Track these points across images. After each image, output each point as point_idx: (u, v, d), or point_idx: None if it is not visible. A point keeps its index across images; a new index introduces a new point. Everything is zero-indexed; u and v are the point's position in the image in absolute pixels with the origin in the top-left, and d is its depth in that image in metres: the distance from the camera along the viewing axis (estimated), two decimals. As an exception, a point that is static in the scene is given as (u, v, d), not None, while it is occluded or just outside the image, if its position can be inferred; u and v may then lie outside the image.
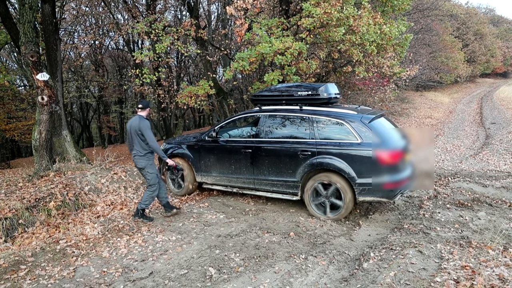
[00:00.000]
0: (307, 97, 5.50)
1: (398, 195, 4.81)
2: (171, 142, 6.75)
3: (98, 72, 23.26)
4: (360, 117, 4.92)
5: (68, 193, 5.34)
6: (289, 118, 5.51)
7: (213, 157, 6.03)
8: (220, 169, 5.99)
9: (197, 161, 6.18)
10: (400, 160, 4.79)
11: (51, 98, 6.42)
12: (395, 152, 4.76)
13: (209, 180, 6.16)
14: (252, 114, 6.01)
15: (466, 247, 3.67)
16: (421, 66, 20.22)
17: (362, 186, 4.78)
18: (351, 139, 4.87)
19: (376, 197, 4.80)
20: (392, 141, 4.95)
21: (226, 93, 12.25)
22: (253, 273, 3.59)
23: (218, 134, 6.05)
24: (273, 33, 7.94)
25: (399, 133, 5.39)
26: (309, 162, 5.09)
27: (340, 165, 4.86)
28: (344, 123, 4.96)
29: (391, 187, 4.73)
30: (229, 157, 5.87)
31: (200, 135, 6.30)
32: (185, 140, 6.48)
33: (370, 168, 4.71)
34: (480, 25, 39.76)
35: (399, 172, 4.77)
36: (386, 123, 5.39)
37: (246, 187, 5.83)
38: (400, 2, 9.09)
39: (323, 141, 5.05)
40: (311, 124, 5.21)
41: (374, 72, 10.63)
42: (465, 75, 34.81)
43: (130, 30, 10.56)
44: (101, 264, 3.86)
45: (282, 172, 5.37)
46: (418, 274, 3.14)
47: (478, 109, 23.16)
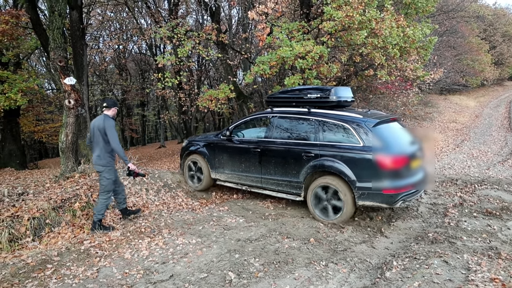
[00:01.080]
0: (316, 99, 5.55)
1: (399, 201, 4.71)
2: (192, 139, 7.11)
3: (121, 75, 23.88)
4: (365, 121, 4.91)
5: (93, 195, 5.47)
6: (297, 120, 5.58)
7: (226, 155, 6.27)
8: (232, 167, 6.20)
9: (212, 159, 6.45)
10: (402, 166, 4.73)
11: (77, 101, 6.62)
12: (397, 157, 4.70)
13: (222, 177, 6.40)
14: (264, 115, 6.14)
15: (495, 259, 3.53)
16: (446, 69, 19.68)
17: (361, 190, 4.75)
18: (354, 142, 4.87)
19: (375, 202, 4.75)
20: (396, 146, 4.93)
21: (246, 97, 12.30)
22: (273, 279, 3.57)
23: (232, 134, 6.25)
24: (293, 37, 7.92)
25: (410, 139, 5.34)
26: (311, 164, 5.16)
27: (340, 168, 4.87)
28: (347, 127, 4.98)
29: (391, 193, 4.65)
30: (240, 156, 6.07)
31: (217, 134, 6.59)
32: (204, 138, 6.80)
33: (370, 172, 4.69)
34: (509, 26, 38.27)
35: (401, 178, 4.70)
36: (396, 128, 5.34)
37: (254, 185, 5.99)
38: (424, 4, 8.90)
39: (326, 143, 5.10)
40: (316, 126, 5.26)
41: (397, 76, 10.43)
42: (492, 78, 33.59)
43: (153, 35, 10.80)
44: (123, 266, 3.93)
45: (287, 173, 5.47)
46: (443, 285, 3.04)
47: (506, 113, 22.31)
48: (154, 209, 5.70)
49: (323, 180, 5.11)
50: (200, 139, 6.86)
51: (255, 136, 6.21)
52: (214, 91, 9.96)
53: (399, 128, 5.44)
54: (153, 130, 38.24)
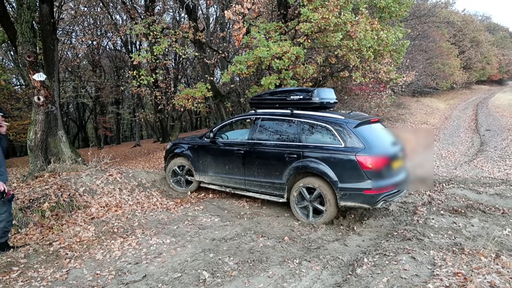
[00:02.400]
0: (299, 101, 5.60)
1: (380, 202, 4.76)
2: (176, 142, 7.09)
3: (95, 72, 23.24)
4: (346, 122, 4.96)
5: (63, 194, 5.31)
6: (280, 122, 5.61)
7: (210, 157, 6.24)
8: (216, 169, 6.17)
9: (196, 161, 6.41)
10: (383, 166, 4.78)
11: (47, 98, 6.40)
12: (378, 158, 4.73)
13: (206, 179, 6.36)
14: (248, 116, 6.16)
15: (459, 254, 3.69)
16: (418, 72, 20.35)
17: (343, 190, 4.78)
18: (335, 143, 4.91)
19: (357, 202, 4.78)
20: (377, 147, 4.93)
21: (224, 96, 12.26)
22: (247, 277, 3.59)
23: (215, 136, 6.22)
24: (271, 37, 7.98)
25: (392, 140, 5.40)
26: (294, 165, 5.17)
27: (322, 169, 4.89)
28: (329, 128, 5.02)
29: (372, 193, 4.68)
30: (224, 158, 6.05)
31: (201, 137, 6.56)
32: (188, 140, 6.79)
33: (351, 173, 4.72)
34: (476, 32, 40.11)
35: (382, 179, 4.74)
36: (378, 129, 5.40)
37: (238, 187, 5.97)
38: (397, 8, 9.17)
39: (308, 145, 5.12)
40: (299, 127, 5.29)
41: (371, 78, 10.70)
42: (461, 82, 35.07)
43: (128, 31, 10.58)
44: (94, 267, 3.84)
45: (270, 174, 5.48)
46: (410, 280, 3.15)
47: (473, 115, 23.34)
48: (127, 209, 5.59)
49: (305, 181, 5.10)
50: (184, 141, 6.82)
51: (239, 138, 6.20)
52: (191, 90, 9.87)
53: (381, 129, 5.49)
54: (128, 129, 37.47)
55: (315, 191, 5.03)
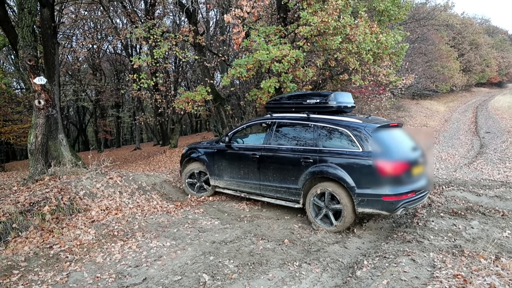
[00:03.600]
0: (315, 105, 5.51)
1: (400, 208, 4.55)
2: (192, 146, 7.07)
3: (95, 76, 23.32)
4: (364, 126, 4.80)
5: (63, 198, 5.32)
6: (296, 126, 5.52)
7: (225, 162, 6.22)
8: (231, 173, 6.15)
9: (211, 165, 6.41)
10: (403, 172, 4.60)
11: (48, 102, 6.43)
12: (398, 163, 4.57)
13: (221, 184, 6.35)
14: (264, 121, 6.04)
15: (458, 256, 3.70)
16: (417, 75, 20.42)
17: (361, 196, 4.60)
18: (353, 148, 4.75)
19: (375, 209, 4.59)
20: (397, 152, 4.80)
21: (223, 99, 12.31)
22: (247, 280, 3.59)
23: (231, 140, 6.20)
24: (270, 41, 8.02)
25: (413, 145, 5.20)
26: (310, 170, 5.04)
27: (339, 174, 4.74)
28: (347, 132, 4.87)
29: (391, 200, 4.49)
30: (239, 163, 6.01)
31: (217, 141, 6.56)
32: (205, 144, 6.77)
33: (369, 178, 4.56)
34: (476, 35, 40.22)
35: (402, 185, 4.55)
36: (397, 134, 5.22)
37: (253, 192, 5.91)
38: (396, 12, 9.23)
39: (324, 149, 4.99)
40: (315, 132, 5.16)
41: (370, 81, 10.73)
42: (460, 84, 35.12)
43: (129, 35, 10.62)
44: (94, 270, 3.84)
45: (286, 179, 5.36)
46: (410, 282, 3.16)
47: (473, 118, 23.36)
48: (127, 212, 5.59)
49: (322, 187, 4.95)
50: (200, 146, 6.83)
51: (254, 142, 6.14)
52: (191, 93, 9.92)
53: (400, 133, 5.31)
54: (128, 132, 37.50)
55: (331, 197, 4.89)
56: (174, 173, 8.84)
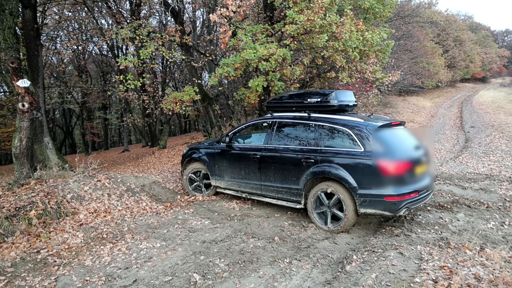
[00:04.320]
0: (316, 104, 5.45)
1: (403, 209, 4.43)
2: (193, 146, 7.07)
3: (81, 77, 22.98)
4: (366, 125, 4.72)
5: (50, 201, 5.24)
6: (297, 125, 5.48)
7: (226, 162, 6.20)
8: (232, 174, 6.13)
9: (212, 165, 6.40)
10: (406, 172, 4.51)
11: (32, 104, 6.32)
12: (400, 162, 4.48)
13: (222, 184, 6.34)
14: (264, 120, 6.00)
15: (445, 248, 3.78)
16: (403, 71, 20.66)
17: (363, 197, 4.52)
18: (354, 147, 4.67)
19: (377, 209, 4.49)
20: (399, 151, 4.72)
21: (212, 99, 12.28)
22: (238, 278, 3.60)
23: (231, 140, 6.18)
24: (257, 40, 8.02)
25: (416, 144, 5.12)
26: (311, 170, 4.98)
27: (341, 174, 4.67)
28: (348, 131, 4.79)
29: (393, 200, 4.40)
30: (240, 163, 5.98)
31: (218, 141, 6.53)
32: (206, 145, 6.75)
33: (372, 178, 4.47)
34: (459, 31, 40.98)
35: (404, 185, 4.46)
36: (399, 133, 5.14)
37: (254, 192, 5.88)
38: (382, 9, 9.32)
39: (326, 149, 4.91)
40: (316, 131, 5.10)
41: (357, 78, 10.83)
42: (445, 80, 35.77)
43: (114, 36, 10.50)
44: (83, 273, 3.80)
45: (287, 179, 5.32)
46: (398, 275, 3.21)
47: (458, 113, 23.80)
48: (116, 214, 5.55)
49: (323, 187, 4.89)
50: (200, 146, 6.81)
51: (255, 142, 6.09)
52: (179, 93, 9.86)
53: (403, 132, 5.22)
54: (116, 134, 37.09)
55: (333, 197, 4.83)
56: (163, 174, 8.79)
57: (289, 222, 5.21)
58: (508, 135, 14.35)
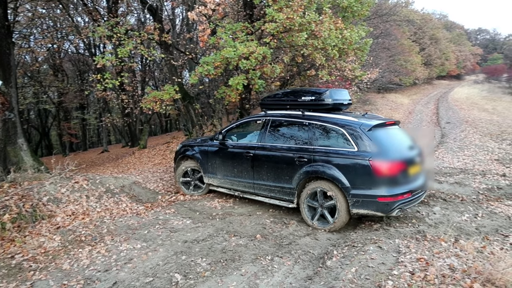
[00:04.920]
0: (311, 102, 5.40)
1: (396, 210, 4.40)
2: (186, 143, 7.01)
3: (57, 77, 22.30)
4: (359, 125, 4.67)
5: (25, 205, 5.08)
6: (290, 124, 5.44)
7: (219, 160, 6.15)
8: (224, 172, 6.08)
9: (205, 163, 6.34)
10: (399, 172, 4.47)
11: (4, 105, 6.11)
12: (394, 163, 4.43)
13: (215, 182, 6.30)
14: (258, 118, 5.95)
15: (421, 241, 3.89)
16: (381, 69, 21.05)
17: (356, 197, 4.49)
18: (348, 147, 4.63)
19: (370, 210, 4.47)
20: (393, 151, 4.66)
21: (192, 98, 12.18)
22: (220, 277, 3.60)
23: (225, 138, 6.15)
24: (237, 38, 8.00)
25: (409, 143, 5.08)
26: (304, 170, 4.94)
27: (334, 174, 4.63)
28: (342, 131, 4.75)
29: (386, 201, 4.37)
30: (232, 161, 5.95)
31: (211, 138, 6.47)
32: (199, 142, 6.69)
33: (365, 178, 4.44)
34: (435, 30, 42.12)
35: (398, 185, 4.43)
36: (394, 132, 5.11)
37: (246, 191, 5.84)
38: (360, 8, 9.46)
39: (319, 148, 4.87)
40: (310, 130, 5.07)
41: (337, 76, 10.96)
42: (422, 78, 36.67)
43: (91, 34, 10.25)
44: (61, 277, 3.71)
45: (280, 178, 5.28)
46: (377, 268, 3.28)
47: (434, 109, 24.46)
48: (95, 216, 5.43)
49: (316, 187, 4.86)
50: (193, 143, 6.73)
51: (248, 140, 6.04)
52: (159, 92, 9.73)
53: (397, 132, 5.18)
54: (95, 134, 36.25)
55: (326, 197, 4.82)
56: (143, 174, 8.67)
57: (271, 220, 5.24)
58: (481, 130, 14.87)
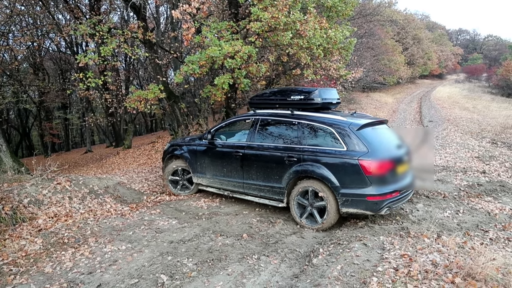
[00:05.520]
0: (300, 101, 5.38)
1: (385, 208, 4.46)
2: (174, 143, 6.93)
3: (37, 75, 21.76)
4: (348, 124, 4.68)
5: (4, 207, 4.93)
6: (280, 123, 5.42)
7: (208, 159, 6.10)
8: (214, 171, 6.04)
9: (193, 163, 6.29)
10: (388, 171, 4.50)
11: (-18, 104, 5.91)
12: (382, 162, 4.44)
13: (204, 182, 6.25)
14: (247, 117, 5.91)
15: (405, 237, 3.96)
16: (366, 68, 21.34)
17: (345, 196, 4.51)
18: (337, 146, 4.64)
19: (359, 209, 4.51)
20: (382, 151, 4.64)
21: (178, 97, 12.06)
22: (206, 277, 3.58)
23: (214, 137, 6.10)
24: (222, 37, 7.96)
25: (398, 142, 5.10)
26: (294, 169, 4.94)
27: (323, 174, 4.64)
28: (331, 130, 4.75)
29: (375, 200, 4.41)
30: (222, 160, 5.90)
31: (199, 137, 6.40)
32: (188, 141, 6.62)
33: (354, 178, 4.46)
34: (417, 30, 42.97)
35: (386, 184, 4.46)
36: (382, 131, 5.14)
37: (236, 190, 5.81)
38: (344, 8, 9.55)
39: (308, 148, 4.87)
40: (299, 129, 5.06)
41: (322, 75, 11.03)
42: (406, 77, 37.37)
43: (72, 32, 10.05)
44: (43, 281, 3.62)
45: (269, 178, 5.27)
46: (362, 265, 3.32)
47: (418, 108, 24.94)
48: (78, 217, 5.32)
49: (306, 186, 4.86)
50: (182, 143, 6.65)
51: (237, 139, 6.01)
52: (143, 91, 9.60)
53: (386, 131, 5.21)
54: (78, 134, 35.57)
55: (316, 196, 4.83)
56: (128, 174, 8.56)
57: (257, 219, 5.25)
58: (462, 128, 15.25)
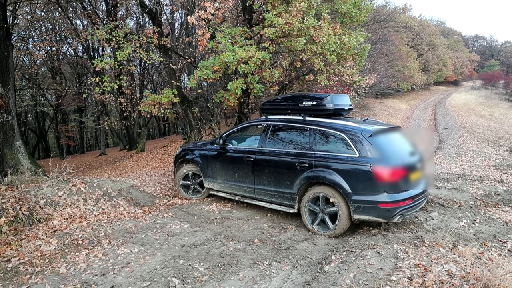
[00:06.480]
0: (312, 107, 5.36)
1: (397, 216, 4.38)
2: (186, 147, 6.99)
3: (55, 79, 22.29)
4: (361, 130, 4.64)
5: (22, 208, 5.04)
6: (291, 129, 5.40)
7: (219, 164, 6.13)
8: (225, 176, 6.06)
9: (205, 167, 6.32)
10: (400, 178, 4.45)
11: (2, 107, 6.09)
12: (395, 169, 4.41)
13: (215, 186, 6.27)
14: (258, 122, 5.93)
15: (420, 246, 3.89)
16: (379, 74, 21.16)
17: (357, 203, 4.47)
18: (349, 152, 4.61)
19: (371, 216, 4.44)
20: (394, 157, 4.63)
21: (191, 101, 12.18)
22: (217, 282, 3.58)
23: (225, 142, 6.13)
24: (236, 42, 8.03)
25: (411, 149, 5.06)
26: (305, 175, 4.92)
27: (335, 180, 4.60)
28: (343, 136, 4.72)
29: (388, 207, 4.35)
30: (233, 165, 5.91)
31: (211, 142, 6.45)
32: (200, 146, 6.67)
33: (366, 184, 4.41)
34: (432, 36, 42.41)
35: (399, 191, 4.42)
36: (395, 138, 5.09)
37: (247, 196, 5.81)
38: (358, 14, 9.54)
39: (320, 154, 4.84)
40: (311, 135, 5.04)
41: (335, 81, 11.00)
42: (420, 83, 36.87)
43: (90, 37, 10.27)
44: (57, 281, 3.68)
45: (280, 183, 5.25)
46: (375, 274, 3.27)
47: (432, 115, 24.56)
48: (92, 219, 5.40)
49: (317, 192, 4.83)
50: (194, 147, 6.71)
51: (249, 145, 6.01)
52: (157, 95, 9.72)
53: (398, 137, 5.16)
54: (93, 137, 36.20)
55: (327, 203, 4.79)
56: (141, 177, 8.64)
57: (269, 224, 5.23)
58: (479, 136, 14.94)
